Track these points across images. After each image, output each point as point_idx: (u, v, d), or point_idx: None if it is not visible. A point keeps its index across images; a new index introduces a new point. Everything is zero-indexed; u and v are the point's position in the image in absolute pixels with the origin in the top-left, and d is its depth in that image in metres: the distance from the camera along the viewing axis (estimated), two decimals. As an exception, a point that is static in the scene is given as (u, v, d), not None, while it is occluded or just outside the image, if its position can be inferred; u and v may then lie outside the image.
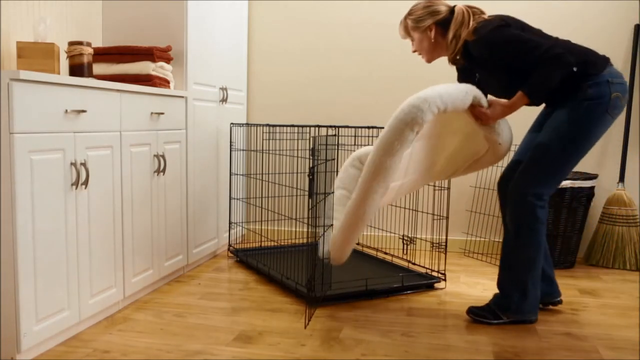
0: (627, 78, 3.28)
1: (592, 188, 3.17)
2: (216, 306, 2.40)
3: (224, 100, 3.20)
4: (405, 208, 3.53)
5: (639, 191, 3.30)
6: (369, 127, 2.87)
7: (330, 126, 2.84)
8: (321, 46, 3.59)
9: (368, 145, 3.54)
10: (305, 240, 3.66)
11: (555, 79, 2.06)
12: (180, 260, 2.78)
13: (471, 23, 2.20)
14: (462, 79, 2.41)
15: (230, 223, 3.29)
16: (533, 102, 2.18)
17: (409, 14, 2.32)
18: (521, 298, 2.21)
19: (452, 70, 3.44)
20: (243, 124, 3.20)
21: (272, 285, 2.72)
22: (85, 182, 2.01)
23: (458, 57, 2.27)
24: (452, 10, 2.27)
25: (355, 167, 2.60)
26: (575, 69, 2.08)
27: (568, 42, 2.17)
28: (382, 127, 2.81)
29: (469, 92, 2.10)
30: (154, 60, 2.54)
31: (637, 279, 2.97)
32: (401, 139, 1.95)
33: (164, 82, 2.61)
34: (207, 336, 2.07)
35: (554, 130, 2.14)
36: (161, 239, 2.59)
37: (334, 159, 2.70)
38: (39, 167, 1.79)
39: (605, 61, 2.14)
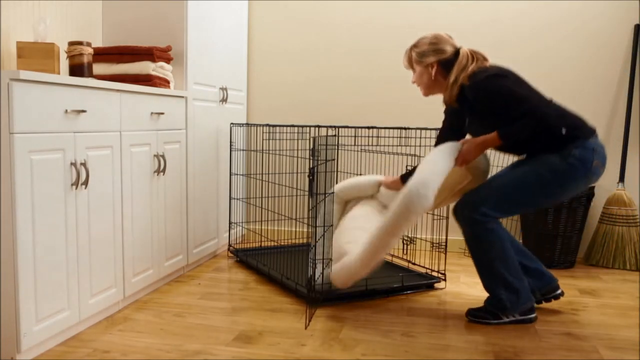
0: (627, 78, 3.28)
1: (592, 188, 3.17)
2: (216, 306, 2.40)
3: (224, 100, 3.20)
4: (405, 208, 3.53)
5: (639, 191, 3.30)
6: (368, 127, 2.87)
7: (330, 126, 2.84)
8: (321, 46, 3.59)
9: (368, 145, 3.55)
10: (305, 240, 3.66)
11: (532, 132, 2.11)
12: (180, 260, 2.78)
13: (471, 67, 2.23)
14: (449, 120, 2.46)
15: (230, 223, 3.29)
16: (503, 147, 2.24)
17: (415, 45, 2.34)
18: (509, 294, 2.22)
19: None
20: (243, 124, 3.20)
21: (272, 285, 2.72)
22: (85, 182, 2.01)
23: (454, 99, 2.32)
24: (457, 52, 2.30)
25: (336, 203, 2.64)
26: (564, 131, 2.16)
27: (560, 106, 2.23)
28: (382, 128, 2.81)
29: (453, 154, 2.18)
30: (154, 60, 2.54)
31: (637, 279, 2.97)
32: (409, 223, 2.07)
33: (164, 82, 2.61)
34: (207, 336, 2.07)
35: (535, 170, 2.17)
36: (161, 239, 2.59)
37: (334, 159, 2.70)
38: (39, 167, 1.79)
39: (592, 130, 2.21)
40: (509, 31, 3.38)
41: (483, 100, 2.17)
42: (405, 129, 2.84)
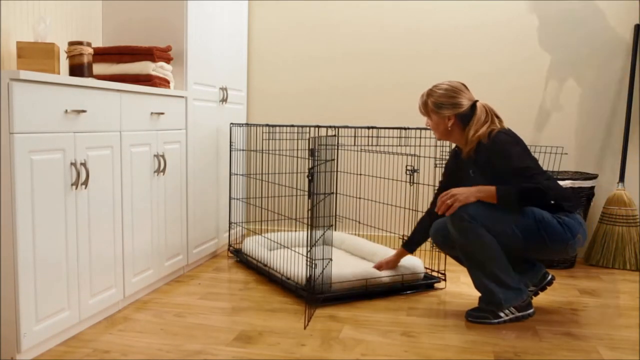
0: (627, 78, 3.28)
1: (592, 188, 3.17)
2: (216, 306, 2.40)
3: (224, 100, 3.20)
4: (405, 208, 3.53)
5: (639, 191, 3.30)
6: (368, 128, 2.87)
7: (330, 126, 2.84)
8: (321, 46, 3.59)
9: (367, 145, 3.55)
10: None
11: (528, 204, 2.19)
12: (180, 260, 2.78)
13: (487, 125, 2.27)
14: (447, 179, 2.54)
15: (230, 223, 3.29)
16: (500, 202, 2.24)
17: (430, 94, 2.35)
18: (501, 288, 2.23)
19: (449, 70, 3.44)
20: (243, 124, 3.20)
21: (272, 285, 2.72)
22: (85, 182, 2.01)
23: (471, 153, 2.33)
24: (473, 105, 2.32)
25: None
26: (552, 202, 2.21)
27: (552, 177, 2.28)
28: (382, 128, 2.80)
29: None
30: (154, 60, 2.54)
31: (637, 279, 2.97)
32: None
33: (164, 82, 2.61)
34: (207, 336, 2.07)
35: (530, 211, 2.19)
36: (161, 239, 2.59)
37: (333, 160, 2.70)
38: (39, 167, 1.79)
39: (578, 206, 2.28)
40: (508, 32, 3.38)
41: (497, 162, 2.21)
42: (405, 129, 2.84)
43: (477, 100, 2.33)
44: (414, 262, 2.71)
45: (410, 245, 2.64)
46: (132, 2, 2.84)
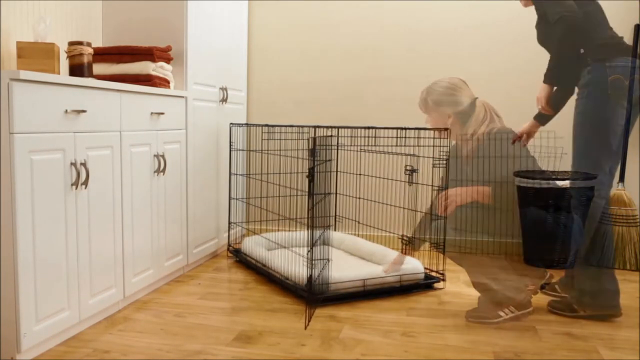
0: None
1: (592, 188, 3.17)
2: (216, 306, 2.40)
3: (224, 100, 3.20)
4: (404, 208, 3.53)
5: (639, 191, 3.30)
6: (367, 128, 2.87)
7: (329, 126, 2.84)
8: (321, 46, 3.59)
9: (366, 145, 3.54)
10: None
11: None
12: (180, 260, 2.78)
13: (486, 124, 2.29)
14: (450, 170, 2.55)
15: (229, 223, 3.28)
16: None
17: (429, 92, 2.36)
18: (501, 287, 2.25)
19: (448, 71, 3.44)
20: (243, 124, 3.20)
21: (272, 285, 2.72)
22: (85, 182, 2.01)
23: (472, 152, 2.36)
24: (473, 102, 2.33)
25: None
26: (551, 202, 2.27)
27: (554, 180, 2.32)
28: (381, 128, 2.80)
29: None
30: (154, 60, 2.54)
31: (637, 279, 2.97)
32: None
33: (164, 82, 2.61)
34: (207, 336, 2.07)
35: (525, 215, 2.23)
36: (161, 239, 2.59)
37: (332, 160, 2.70)
38: (39, 167, 1.79)
39: (577, 206, 2.39)
40: (508, 32, 3.38)
41: (496, 162, 2.24)
42: (403, 129, 2.84)
43: (477, 98, 2.33)
44: (414, 263, 2.71)
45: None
46: (132, 2, 2.84)
